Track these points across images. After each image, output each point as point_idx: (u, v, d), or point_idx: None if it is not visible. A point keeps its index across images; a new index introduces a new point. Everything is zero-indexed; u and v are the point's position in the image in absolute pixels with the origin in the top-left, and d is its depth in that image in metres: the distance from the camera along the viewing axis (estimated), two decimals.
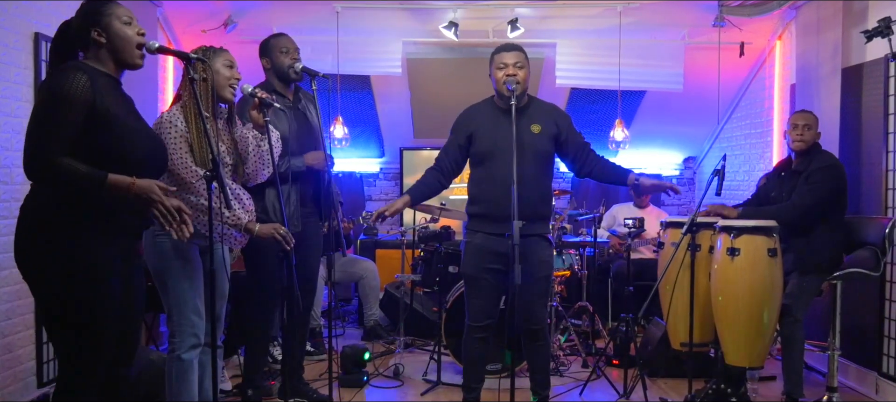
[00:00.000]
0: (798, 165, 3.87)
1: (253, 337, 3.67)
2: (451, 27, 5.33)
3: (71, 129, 2.17)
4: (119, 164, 2.24)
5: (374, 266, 5.70)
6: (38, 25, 3.62)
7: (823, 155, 3.86)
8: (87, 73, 2.23)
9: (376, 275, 5.66)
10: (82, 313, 2.25)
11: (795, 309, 3.65)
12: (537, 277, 3.27)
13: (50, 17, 3.63)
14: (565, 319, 5.02)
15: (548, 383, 3.49)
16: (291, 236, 2.90)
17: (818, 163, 3.77)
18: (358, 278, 5.62)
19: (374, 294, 5.56)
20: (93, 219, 2.25)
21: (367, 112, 6.67)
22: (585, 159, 3.42)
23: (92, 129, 2.21)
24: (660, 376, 4.36)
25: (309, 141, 3.61)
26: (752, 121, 6.13)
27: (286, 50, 3.57)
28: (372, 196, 7.28)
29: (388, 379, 4.38)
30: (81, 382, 2.32)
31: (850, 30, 4.37)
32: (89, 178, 2.17)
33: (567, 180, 7.12)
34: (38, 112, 2.20)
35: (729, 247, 3.49)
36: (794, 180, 3.85)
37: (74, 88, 2.17)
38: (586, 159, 3.42)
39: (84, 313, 2.26)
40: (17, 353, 3.53)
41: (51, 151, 2.15)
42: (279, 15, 5.40)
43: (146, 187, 2.23)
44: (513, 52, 3.30)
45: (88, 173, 2.17)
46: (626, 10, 5.31)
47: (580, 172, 3.47)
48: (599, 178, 3.49)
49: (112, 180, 2.19)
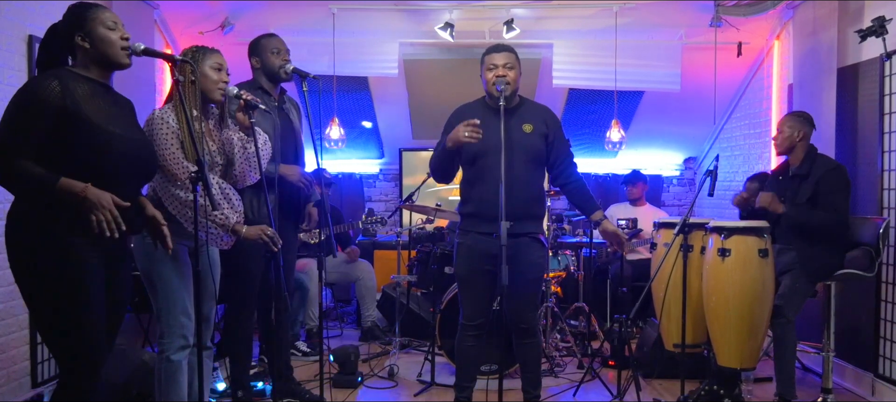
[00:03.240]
0: (797, 169, 3.82)
1: (236, 339, 3.67)
2: (447, 28, 5.33)
3: (36, 134, 2.21)
4: (92, 170, 2.26)
5: (370, 268, 5.72)
6: (32, 28, 3.64)
7: (824, 159, 3.82)
8: (61, 80, 2.26)
9: (373, 276, 5.68)
10: (63, 316, 2.28)
11: (787, 310, 3.64)
12: (527, 278, 3.27)
13: (44, 20, 3.62)
14: (561, 320, 5.01)
15: (539, 382, 3.48)
16: (279, 237, 2.91)
17: (823, 167, 3.72)
18: (355, 280, 5.65)
19: (371, 295, 5.58)
20: (71, 222, 2.27)
21: (365, 114, 6.68)
22: (562, 170, 3.42)
23: (63, 134, 2.24)
24: (655, 377, 4.35)
25: (290, 144, 3.64)
26: (751, 121, 6.11)
27: (277, 50, 3.59)
28: (371, 197, 7.28)
29: (382, 380, 4.38)
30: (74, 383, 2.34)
31: (845, 29, 4.35)
32: (41, 181, 2.20)
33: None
34: (6, 116, 2.23)
35: (720, 248, 3.48)
36: (796, 184, 3.80)
37: (43, 95, 2.20)
38: (563, 171, 3.42)
39: (65, 316, 2.28)
40: (10, 353, 3.55)
41: (12, 153, 2.19)
42: (275, 16, 5.41)
43: (97, 197, 2.23)
44: (503, 52, 3.30)
45: (40, 176, 2.20)
46: (621, 11, 5.30)
47: (555, 180, 3.48)
48: (569, 196, 3.50)
49: (63, 185, 2.21)
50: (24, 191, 2.26)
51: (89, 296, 2.31)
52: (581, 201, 3.45)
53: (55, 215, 2.25)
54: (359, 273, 5.62)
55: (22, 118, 2.20)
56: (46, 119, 2.21)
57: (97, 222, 2.24)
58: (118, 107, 2.48)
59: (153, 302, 2.78)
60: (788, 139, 3.84)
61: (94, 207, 2.23)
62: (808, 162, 3.79)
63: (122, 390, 3.42)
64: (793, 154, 3.85)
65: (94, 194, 2.23)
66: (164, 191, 2.69)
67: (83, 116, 2.26)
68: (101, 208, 2.24)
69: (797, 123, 3.84)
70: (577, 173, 3.45)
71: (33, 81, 2.26)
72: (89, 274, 2.31)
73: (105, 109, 2.37)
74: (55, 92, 2.22)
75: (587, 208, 3.44)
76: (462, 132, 3.13)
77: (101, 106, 2.35)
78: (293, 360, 4.33)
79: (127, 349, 3.68)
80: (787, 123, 3.88)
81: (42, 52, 2.43)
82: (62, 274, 2.26)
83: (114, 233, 2.26)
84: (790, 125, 3.85)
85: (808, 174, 3.75)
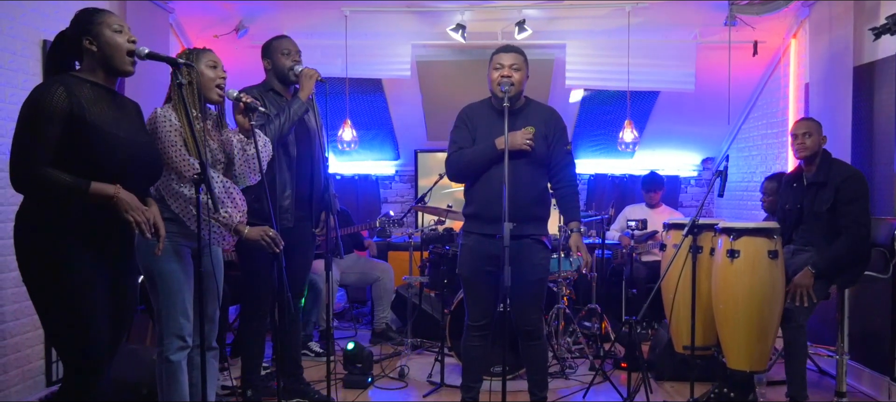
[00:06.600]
0: (813, 175, 3.72)
1: (247, 338, 3.71)
2: (459, 30, 5.34)
3: (50, 140, 2.26)
4: (98, 173, 2.31)
5: (390, 269, 5.72)
6: (46, 32, 3.71)
7: (841, 165, 3.71)
8: (66, 85, 2.30)
9: (392, 277, 5.68)
10: (66, 317, 2.32)
11: (798, 314, 3.56)
12: (529, 280, 3.27)
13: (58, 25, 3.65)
14: (574, 321, 4.99)
15: (545, 383, 3.48)
16: (280, 238, 2.93)
17: (841, 174, 3.62)
18: (374, 281, 5.65)
19: (388, 297, 5.59)
20: (76, 225, 2.31)
21: (380, 115, 6.71)
22: (556, 173, 3.40)
23: (70, 138, 2.28)
24: (666, 379, 4.31)
25: (305, 145, 3.65)
26: (768, 121, 6.04)
27: (287, 52, 3.61)
28: (387, 199, 7.31)
29: (392, 381, 4.39)
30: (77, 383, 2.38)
31: (861, 27, 4.27)
32: (73, 187, 2.26)
33: (582, 181, 7.07)
34: (19, 126, 2.28)
35: (729, 249, 3.45)
36: (813, 193, 3.71)
37: (50, 101, 2.25)
38: (557, 174, 3.41)
39: (67, 317, 2.32)
40: (25, 352, 3.62)
41: (34, 163, 2.24)
42: (289, 19, 5.47)
43: (129, 198, 2.33)
44: (511, 53, 3.29)
45: (72, 183, 2.26)
46: (635, 11, 5.26)
47: (549, 181, 3.46)
48: (557, 200, 3.49)
49: (95, 189, 2.28)
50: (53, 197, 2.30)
51: (91, 299, 2.34)
52: (565, 208, 3.45)
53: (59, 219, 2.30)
54: (379, 274, 5.62)
55: (37, 127, 2.25)
56: (56, 125, 2.26)
57: (136, 223, 2.33)
58: (123, 110, 2.52)
59: (153, 301, 2.80)
60: (817, 144, 3.70)
61: (128, 208, 2.32)
62: (823, 169, 3.68)
63: (133, 389, 3.47)
64: (809, 161, 3.75)
65: (127, 196, 2.32)
66: (168, 189, 2.72)
67: (88, 120, 2.31)
68: (136, 210, 2.33)
69: (816, 128, 3.73)
70: (570, 180, 3.43)
71: (39, 89, 2.31)
72: (91, 277, 2.35)
73: (110, 113, 2.41)
74: (61, 97, 2.27)
75: (567, 215, 3.45)
76: (520, 140, 3.18)
77: (105, 110, 2.39)
78: (306, 360, 4.36)
79: (137, 348, 3.72)
80: (813, 128, 3.73)
81: (49, 59, 2.49)
82: (64, 276, 2.30)
83: (147, 233, 2.35)
84: (818, 130, 3.72)
85: (826, 182, 3.64)
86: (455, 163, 3.37)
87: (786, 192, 3.94)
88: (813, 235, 3.72)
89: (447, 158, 3.42)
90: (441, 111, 6.44)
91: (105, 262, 2.41)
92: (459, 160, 3.35)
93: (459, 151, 3.35)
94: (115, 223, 2.37)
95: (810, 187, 3.74)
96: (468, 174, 3.37)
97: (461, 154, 3.34)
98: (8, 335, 3.49)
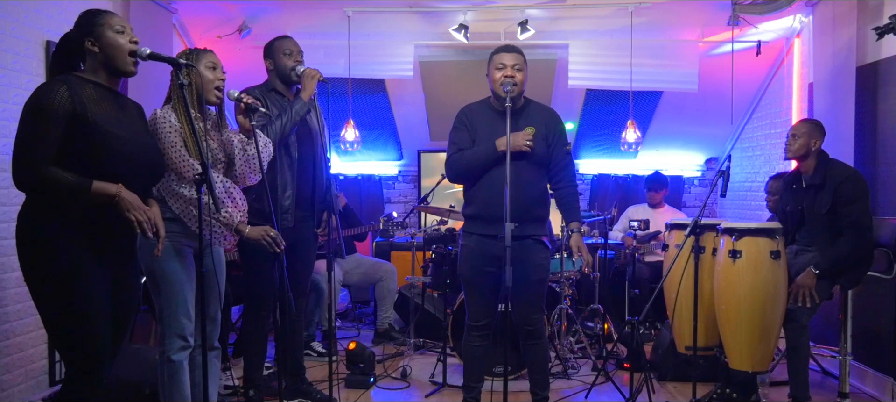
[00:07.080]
0: (811, 178, 3.70)
1: (249, 338, 3.72)
2: (462, 30, 5.33)
3: (53, 140, 2.27)
4: (100, 172, 2.32)
5: (393, 269, 5.72)
6: (49, 33, 3.72)
7: (839, 166, 3.69)
8: (68, 85, 2.32)
9: (395, 278, 5.68)
10: (66, 316, 2.33)
11: (801, 315, 3.55)
12: (530, 280, 3.26)
13: (61, 26, 3.69)
14: (576, 322, 4.98)
15: (547, 383, 3.48)
16: (281, 238, 2.93)
17: (839, 175, 3.60)
18: (378, 281, 5.65)
19: (391, 297, 5.59)
20: (78, 225, 2.33)
21: (383, 116, 6.72)
22: (555, 174, 3.40)
23: (72, 138, 2.30)
24: (669, 379, 4.31)
25: (307, 145, 3.65)
26: (772, 121, 6.02)
27: (289, 52, 3.62)
28: (391, 199, 7.31)
29: (395, 381, 4.40)
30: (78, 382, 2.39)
31: (865, 27, 4.26)
32: (75, 186, 2.27)
33: (585, 181, 7.07)
34: (22, 125, 2.30)
35: (731, 249, 3.44)
36: (812, 195, 3.70)
37: (53, 101, 2.26)
38: (556, 174, 3.40)
39: (67, 316, 2.33)
40: (28, 352, 3.63)
41: (37, 162, 2.25)
42: (291, 20, 5.47)
43: (131, 197, 2.35)
44: (512, 53, 3.29)
45: (74, 182, 2.27)
46: (637, 11, 5.25)
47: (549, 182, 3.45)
48: (556, 201, 3.48)
49: (97, 188, 2.29)
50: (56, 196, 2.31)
51: (93, 298, 2.35)
52: (565, 208, 3.44)
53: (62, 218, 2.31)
54: (382, 274, 5.62)
55: (39, 126, 2.27)
56: (58, 124, 2.28)
57: (137, 223, 2.34)
58: (125, 111, 2.53)
59: (155, 301, 2.81)
60: (804, 146, 3.68)
61: (130, 207, 2.34)
62: (820, 171, 3.66)
63: (135, 388, 3.48)
64: (805, 163, 3.73)
65: (128, 195, 2.34)
66: (168, 189, 2.73)
67: (90, 119, 2.32)
68: (137, 209, 2.34)
69: (814, 131, 3.70)
70: (570, 180, 3.42)
71: (42, 89, 2.32)
72: (93, 276, 2.36)
73: (112, 113, 2.42)
74: (64, 97, 2.28)
75: (568, 215, 3.44)
76: (521, 141, 3.18)
77: (108, 110, 2.41)
78: (308, 360, 4.36)
79: (140, 347, 3.73)
80: (804, 128, 3.72)
81: (54, 61, 2.50)
82: (66, 276, 2.31)
83: (148, 232, 2.37)
84: (807, 131, 3.70)
85: (823, 184, 3.63)
86: (455, 165, 3.37)
87: (785, 193, 3.93)
88: (815, 236, 3.71)
89: (447, 160, 3.42)
90: (444, 111, 6.43)
91: (107, 261, 2.43)
92: (460, 162, 3.34)
93: (459, 153, 3.35)
94: (117, 223, 2.38)
95: (809, 189, 3.73)
96: (469, 176, 3.36)
97: (461, 156, 3.34)
98: (11, 334, 3.50)
